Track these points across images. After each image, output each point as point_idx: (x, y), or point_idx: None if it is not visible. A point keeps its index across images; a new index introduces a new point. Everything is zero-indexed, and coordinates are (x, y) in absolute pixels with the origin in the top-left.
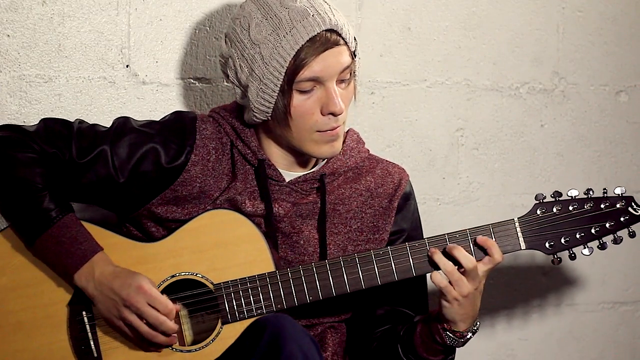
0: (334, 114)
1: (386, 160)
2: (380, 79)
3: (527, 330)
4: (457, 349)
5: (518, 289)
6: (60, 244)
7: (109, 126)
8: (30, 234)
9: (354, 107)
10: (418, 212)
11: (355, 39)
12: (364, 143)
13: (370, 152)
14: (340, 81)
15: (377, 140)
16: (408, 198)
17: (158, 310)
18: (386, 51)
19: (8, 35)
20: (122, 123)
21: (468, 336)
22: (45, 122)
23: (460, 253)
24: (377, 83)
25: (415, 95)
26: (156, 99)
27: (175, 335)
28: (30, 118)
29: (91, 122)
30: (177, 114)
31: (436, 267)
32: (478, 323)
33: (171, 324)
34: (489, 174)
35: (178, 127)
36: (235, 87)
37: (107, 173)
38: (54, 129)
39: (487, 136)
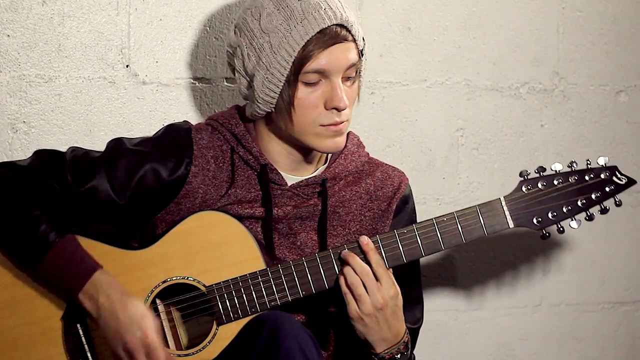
0: (338, 109)
1: (386, 164)
2: (380, 79)
3: (527, 330)
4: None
5: (518, 289)
6: (58, 268)
7: (102, 150)
8: (30, 262)
9: (354, 106)
10: (416, 215)
11: (364, 39)
12: (364, 147)
13: (370, 155)
14: (346, 78)
15: (377, 140)
16: (407, 201)
17: None
18: (386, 51)
19: (8, 35)
20: (116, 145)
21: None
22: (38, 154)
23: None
24: (377, 83)
25: (415, 95)
26: (156, 99)
27: None
28: (30, 118)
29: (91, 122)
30: (169, 127)
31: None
32: (405, 351)
33: None
34: (489, 174)
35: (173, 140)
36: (240, 77)
37: (107, 197)
38: (48, 161)
39: (487, 136)
